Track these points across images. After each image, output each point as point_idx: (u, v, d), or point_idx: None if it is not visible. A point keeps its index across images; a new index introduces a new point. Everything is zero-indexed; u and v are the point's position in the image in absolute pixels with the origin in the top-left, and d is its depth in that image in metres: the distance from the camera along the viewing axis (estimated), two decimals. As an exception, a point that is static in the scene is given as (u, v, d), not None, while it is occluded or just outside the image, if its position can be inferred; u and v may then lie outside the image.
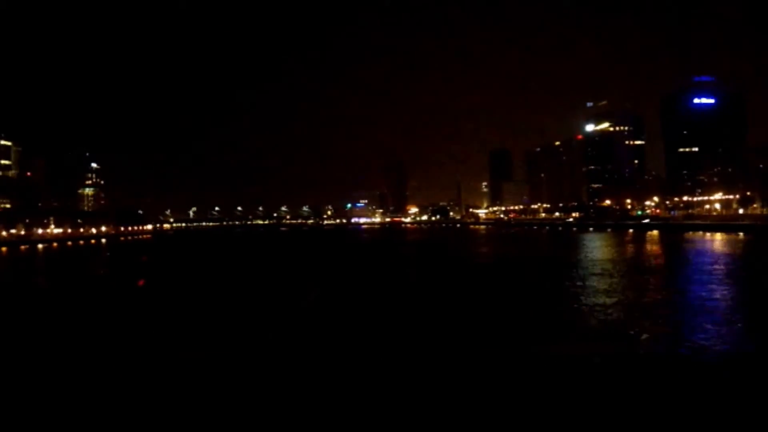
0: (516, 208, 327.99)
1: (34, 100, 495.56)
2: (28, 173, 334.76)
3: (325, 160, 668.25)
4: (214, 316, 30.75)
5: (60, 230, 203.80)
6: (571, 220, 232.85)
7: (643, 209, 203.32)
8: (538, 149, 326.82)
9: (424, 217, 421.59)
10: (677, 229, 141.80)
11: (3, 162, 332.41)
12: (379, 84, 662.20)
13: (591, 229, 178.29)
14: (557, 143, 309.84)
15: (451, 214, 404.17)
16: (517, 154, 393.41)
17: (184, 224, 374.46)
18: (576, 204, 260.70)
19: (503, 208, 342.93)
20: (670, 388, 16.31)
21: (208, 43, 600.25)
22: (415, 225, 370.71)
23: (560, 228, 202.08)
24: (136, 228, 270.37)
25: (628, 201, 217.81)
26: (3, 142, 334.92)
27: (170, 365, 20.20)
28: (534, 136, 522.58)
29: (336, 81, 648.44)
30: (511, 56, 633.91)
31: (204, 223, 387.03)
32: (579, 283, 40.97)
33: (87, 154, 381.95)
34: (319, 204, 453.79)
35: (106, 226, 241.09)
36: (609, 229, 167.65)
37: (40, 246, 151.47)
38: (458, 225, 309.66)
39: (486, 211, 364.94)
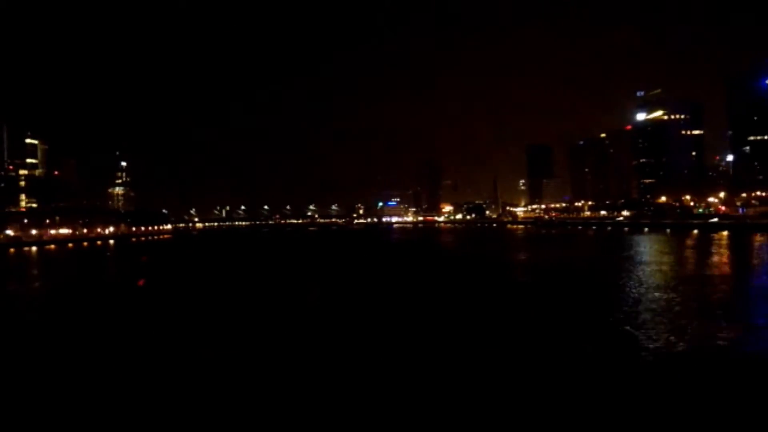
0: (557, 206, 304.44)
1: (61, 99, 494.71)
2: (56, 172, 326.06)
3: (356, 157, 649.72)
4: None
5: (69, 231, 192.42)
6: (621, 219, 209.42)
7: (707, 207, 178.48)
8: (582, 143, 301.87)
9: (459, 216, 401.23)
10: (751, 230, 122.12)
11: (30, 161, 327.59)
12: (413, 79, 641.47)
13: (646, 229, 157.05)
14: (602, 135, 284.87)
15: (488, 212, 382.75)
16: (557, 150, 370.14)
17: (216, 224, 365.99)
18: (625, 201, 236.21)
19: (543, 206, 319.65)
20: None
21: (239, 39, 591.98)
22: (449, 224, 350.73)
23: (609, 228, 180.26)
24: (154, 228, 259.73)
25: (687, 197, 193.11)
26: (29, 141, 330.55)
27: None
28: (576, 129, 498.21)
29: (369, 76, 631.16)
30: (549, 46, 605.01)
31: (237, 223, 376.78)
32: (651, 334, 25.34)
33: (117, 153, 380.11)
34: (349, 202, 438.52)
35: (124, 226, 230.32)
36: (668, 230, 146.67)
37: (34, 248, 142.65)
38: (494, 225, 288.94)
39: (524, 209, 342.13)
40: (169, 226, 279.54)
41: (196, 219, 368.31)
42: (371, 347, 24.41)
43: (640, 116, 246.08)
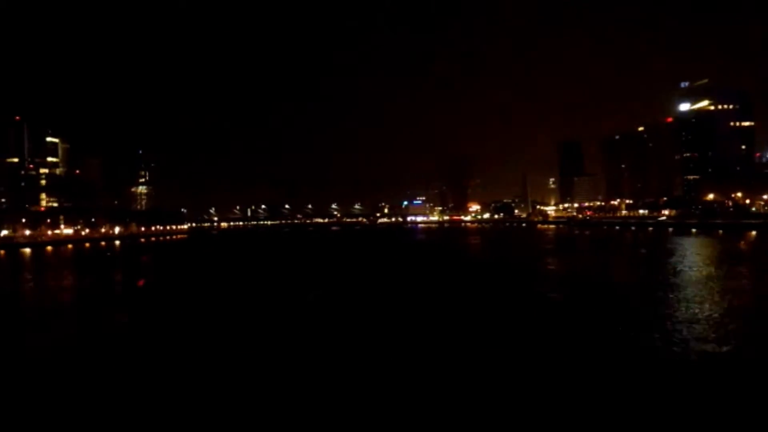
0: (591, 204, 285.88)
1: (85, 98, 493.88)
2: (77, 171, 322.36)
3: (379, 155, 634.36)
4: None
5: (71, 231, 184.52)
6: (663, 218, 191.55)
7: (766, 204, 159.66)
8: (617, 137, 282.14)
9: (486, 215, 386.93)
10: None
11: (50, 159, 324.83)
12: (438, 74, 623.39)
13: (694, 230, 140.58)
14: (640, 129, 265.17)
15: (516, 211, 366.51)
16: (588, 146, 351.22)
17: (240, 223, 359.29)
18: (667, 199, 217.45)
19: (575, 205, 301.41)
20: None
21: (265, 36, 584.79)
22: (476, 224, 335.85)
23: (651, 229, 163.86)
24: (170, 227, 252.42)
25: (739, 195, 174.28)
26: (50, 139, 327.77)
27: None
28: (609, 124, 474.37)
29: (393, 73, 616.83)
30: (579, 39, 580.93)
31: (261, 222, 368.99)
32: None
33: (140, 151, 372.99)
34: (372, 201, 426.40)
35: (135, 226, 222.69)
36: (720, 231, 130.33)
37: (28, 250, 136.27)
38: (524, 224, 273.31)
39: (555, 208, 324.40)
40: (185, 226, 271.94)
41: (216, 218, 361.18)
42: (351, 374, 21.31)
43: (683, 107, 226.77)
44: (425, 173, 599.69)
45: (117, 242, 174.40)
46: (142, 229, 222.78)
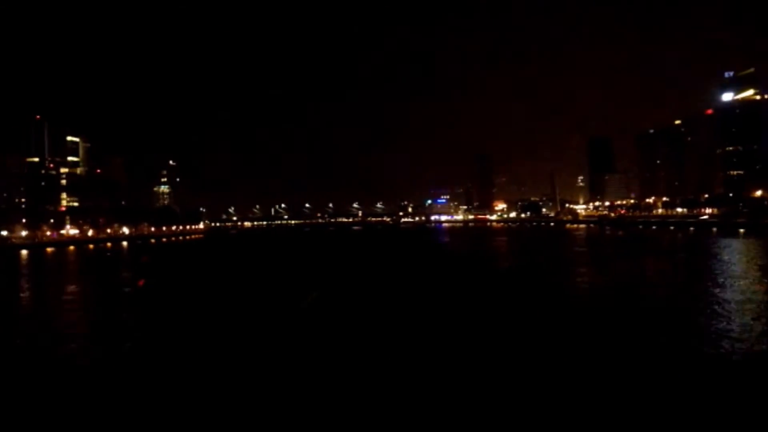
0: (624, 203, 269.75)
1: (103, 97, 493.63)
2: (98, 170, 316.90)
3: (402, 153, 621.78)
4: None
5: (77, 231, 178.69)
6: (705, 217, 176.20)
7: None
8: (651, 131, 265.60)
9: (513, 214, 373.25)
10: None
11: (71, 159, 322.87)
12: (463, 70, 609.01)
13: (742, 230, 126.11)
14: (677, 122, 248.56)
15: (544, 210, 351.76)
16: (621, 142, 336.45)
17: (264, 223, 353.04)
18: (709, 197, 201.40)
19: (606, 203, 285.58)
20: None
21: (289, 36, 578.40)
22: (502, 223, 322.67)
23: (692, 229, 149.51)
24: (185, 228, 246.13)
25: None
26: (71, 139, 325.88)
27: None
28: (641, 118, 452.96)
29: (417, 67, 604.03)
30: (610, 26, 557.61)
31: (284, 221, 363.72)
32: None
33: (163, 151, 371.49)
34: (395, 200, 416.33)
35: (147, 226, 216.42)
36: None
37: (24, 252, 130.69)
38: (552, 224, 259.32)
39: (585, 207, 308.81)
40: (201, 225, 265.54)
41: (235, 218, 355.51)
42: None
43: (726, 97, 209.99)
44: (450, 171, 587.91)
45: (125, 243, 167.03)
46: (152, 229, 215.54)
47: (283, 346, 25.01)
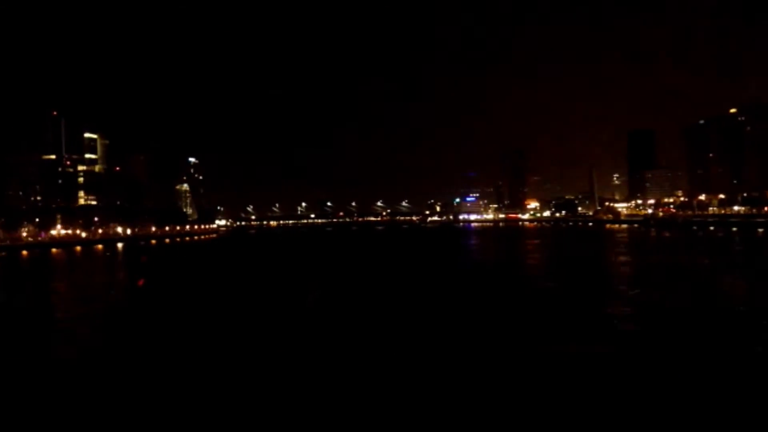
0: (672, 200, 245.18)
1: (124, 94, 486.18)
2: (117, 168, 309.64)
3: (430, 150, 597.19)
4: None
5: (70, 231, 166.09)
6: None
7: None
8: (702, 122, 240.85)
9: (546, 213, 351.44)
10: None
11: (88, 156, 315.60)
12: (495, 64, 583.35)
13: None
14: (733, 111, 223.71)
15: (580, 209, 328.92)
16: (663, 135, 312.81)
17: (290, 222, 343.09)
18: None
19: (651, 201, 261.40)
20: None
21: (313, 37, 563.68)
22: (536, 223, 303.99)
23: (761, 230, 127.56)
24: (198, 228, 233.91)
25: None
26: (88, 135, 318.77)
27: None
28: (685, 110, 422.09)
29: (447, 60, 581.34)
30: (650, 21, 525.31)
31: (311, 220, 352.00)
32: None
33: (185, 149, 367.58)
34: (421, 198, 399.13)
35: (156, 225, 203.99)
36: None
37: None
38: (590, 224, 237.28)
39: (627, 205, 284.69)
40: (214, 225, 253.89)
41: (253, 216, 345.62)
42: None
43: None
44: (479, 168, 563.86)
45: (120, 245, 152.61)
46: (158, 229, 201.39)
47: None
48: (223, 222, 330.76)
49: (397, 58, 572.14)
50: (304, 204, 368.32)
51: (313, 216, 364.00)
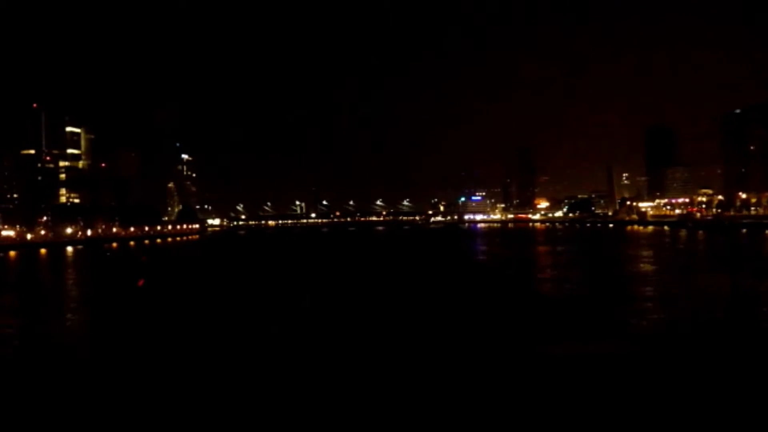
0: (703, 199, 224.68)
1: (112, 87, 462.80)
2: (103, 164, 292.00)
3: (433, 146, 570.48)
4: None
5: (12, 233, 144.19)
6: None
7: None
8: (738, 111, 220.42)
9: (558, 213, 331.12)
10: None
11: (71, 151, 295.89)
12: (502, 55, 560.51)
13: None
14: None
15: (596, 209, 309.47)
16: (682, 130, 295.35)
17: (289, 221, 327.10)
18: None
19: (682, 200, 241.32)
20: None
21: (318, 29, 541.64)
22: (548, 224, 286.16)
23: None
24: (180, 228, 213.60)
25: None
26: (71, 129, 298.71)
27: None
28: (705, 106, 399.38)
29: (453, 52, 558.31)
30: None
31: (312, 220, 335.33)
32: None
33: (178, 144, 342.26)
34: (424, 197, 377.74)
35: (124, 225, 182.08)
36: None
37: None
38: (611, 225, 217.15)
39: (652, 204, 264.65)
40: (196, 225, 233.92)
41: (244, 216, 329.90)
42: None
43: None
44: (486, 166, 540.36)
45: (69, 248, 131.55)
46: (115, 229, 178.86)
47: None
48: (216, 221, 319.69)
49: (399, 52, 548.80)
50: (297, 202, 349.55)
51: (314, 216, 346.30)
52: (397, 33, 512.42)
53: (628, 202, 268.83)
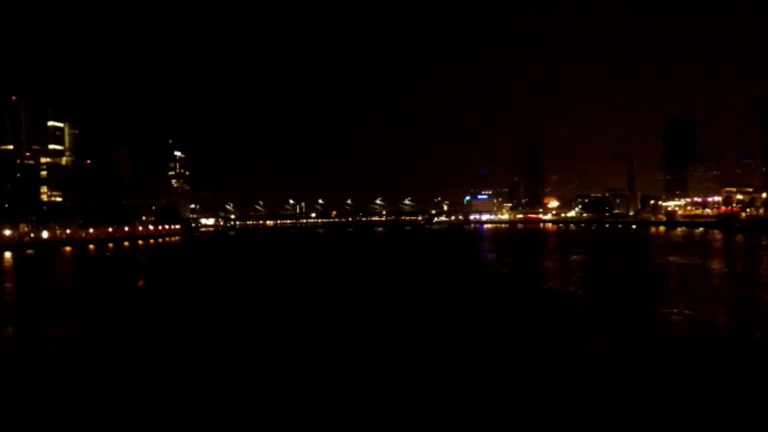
0: (740, 197, 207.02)
1: (102, 80, 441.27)
2: (88, 161, 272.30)
3: (435, 141, 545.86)
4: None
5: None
6: None
7: None
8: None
9: (571, 213, 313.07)
10: None
11: (53, 147, 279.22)
12: (512, 47, 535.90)
13: None
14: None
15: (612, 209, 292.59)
16: (705, 124, 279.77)
17: (288, 221, 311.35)
18: None
19: (715, 198, 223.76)
20: None
21: (322, 25, 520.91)
22: (561, 225, 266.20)
23: None
24: (153, 229, 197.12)
25: None
26: (53, 124, 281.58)
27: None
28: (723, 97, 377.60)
29: (459, 41, 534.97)
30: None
31: (317, 219, 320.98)
32: None
33: (170, 141, 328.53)
34: (426, 196, 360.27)
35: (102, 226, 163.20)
36: None
37: None
38: (633, 226, 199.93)
39: (678, 203, 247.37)
40: (178, 225, 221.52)
41: (233, 216, 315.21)
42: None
43: None
44: (490, 164, 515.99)
45: (30, 251, 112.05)
46: (69, 231, 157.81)
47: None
48: (210, 221, 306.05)
49: (402, 42, 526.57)
50: (291, 201, 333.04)
51: (313, 216, 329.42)
52: (404, 22, 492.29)
53: (652, 201, 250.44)
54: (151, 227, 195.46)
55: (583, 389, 19.31)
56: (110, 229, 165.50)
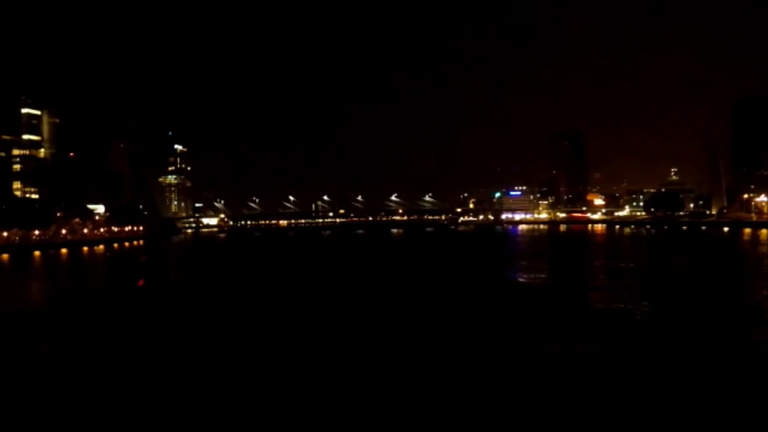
0: None
1: (82, 65, 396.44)
2: (71, 153, 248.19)
3: (460, 131, 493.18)
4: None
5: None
6: None
7: None
8: None
9: (623, 213, 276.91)
10: None
11: (27, 137, 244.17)
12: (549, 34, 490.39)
13: None
14: None
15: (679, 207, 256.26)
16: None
17: (303, 221, 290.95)
18: None
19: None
20: None
21: (332, 23, 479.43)
22: (617, 226, 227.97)
23: None
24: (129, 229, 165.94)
25: None
26: (28, 111, 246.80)
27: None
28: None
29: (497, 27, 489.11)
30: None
31: (333, 219, 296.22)
32: None
33: (170, 133, 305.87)
34: (450, 192, 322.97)
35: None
36: None
37: None
38: (726, 228, 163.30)
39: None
40: (140, 227, 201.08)
41: (223, 216, 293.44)
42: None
43: None
44: (521, 158, 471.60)
45: None
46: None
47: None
48: (213, 221, 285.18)
49: (428, 30, 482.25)
50: (292, 198, 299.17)
51: (331, 215, 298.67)
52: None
53: (746, 195, 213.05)
54: (102, 230, 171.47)
55: None
56: (37, 232, 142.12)
